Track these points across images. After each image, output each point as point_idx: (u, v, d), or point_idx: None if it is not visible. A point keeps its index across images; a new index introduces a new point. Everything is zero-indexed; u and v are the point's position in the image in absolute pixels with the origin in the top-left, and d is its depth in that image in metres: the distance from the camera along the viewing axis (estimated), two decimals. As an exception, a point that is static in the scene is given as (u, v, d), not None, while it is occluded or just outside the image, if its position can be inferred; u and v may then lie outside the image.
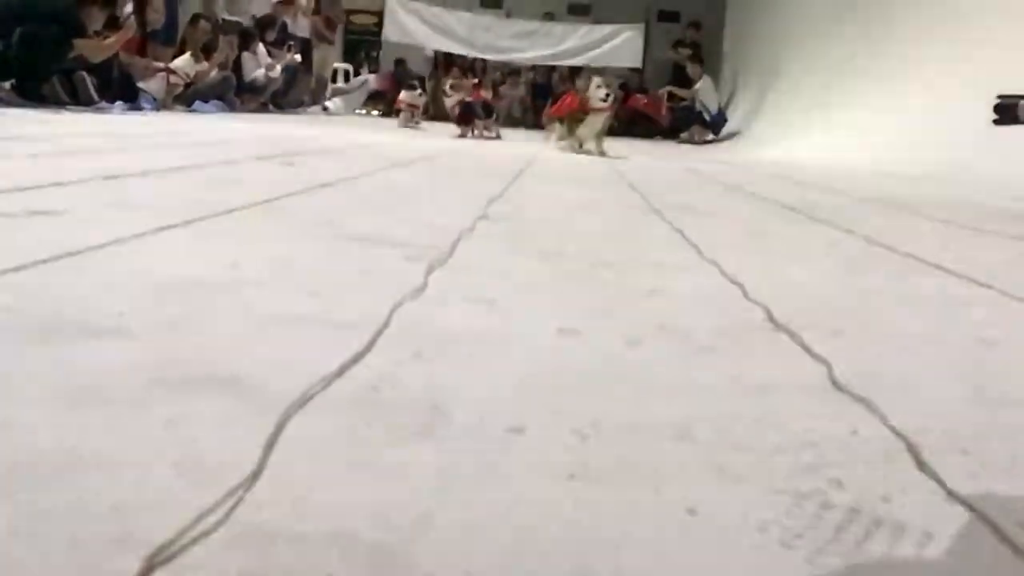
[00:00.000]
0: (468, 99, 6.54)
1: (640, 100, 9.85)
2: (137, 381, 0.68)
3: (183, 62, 7.38)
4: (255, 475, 0.53)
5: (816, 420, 0.71)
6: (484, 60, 10.69)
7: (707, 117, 9.21)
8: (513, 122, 10.68)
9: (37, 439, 0.56)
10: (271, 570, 0.43)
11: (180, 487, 0.51)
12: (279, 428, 0.60)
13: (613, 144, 5.13)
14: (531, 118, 10.49)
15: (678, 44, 10.49)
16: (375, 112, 10.70)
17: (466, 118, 6.50)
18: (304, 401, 0.66)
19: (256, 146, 3.71)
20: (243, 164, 2.81)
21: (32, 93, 5.32)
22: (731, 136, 8.92)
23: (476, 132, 6.57)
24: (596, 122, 4.96)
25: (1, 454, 0.54)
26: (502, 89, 10.93)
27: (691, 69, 9.47)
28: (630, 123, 9.28)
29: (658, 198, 2.64)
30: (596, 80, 5.01)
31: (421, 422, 0.65)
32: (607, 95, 4.88)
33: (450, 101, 6.62)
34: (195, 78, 7.37)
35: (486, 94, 6.98)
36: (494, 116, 6.92)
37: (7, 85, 5.37)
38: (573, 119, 5.05)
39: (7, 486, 0.49)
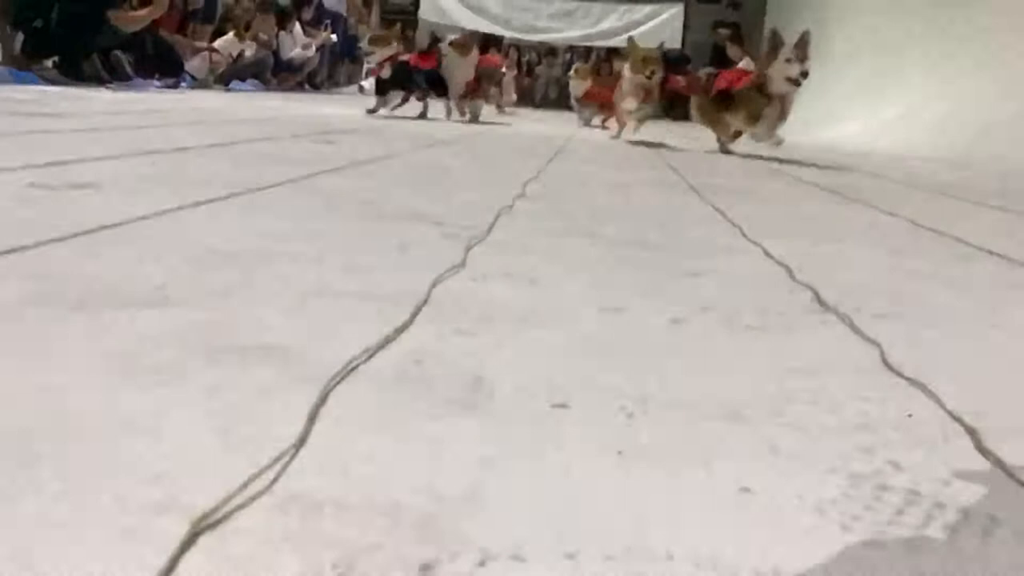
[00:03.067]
0: (404, 58, 4.89)
1: (679, 81, 9.73)
2: (177, 350, 0.68)
3: (225, 41, 7.42)
4: (299, 444, 0.52)
5: (870, 402, 0.69)
6: (519, 40, 10.62)
7: (746, 100, 9.08)
8: (548, 103, 10.62)
9: (80, 404, 0.56)
10: (317, 538, 0.42)
11: (223, 454, 0.50)
12: (323, 398, 0.59)
13: (649, 126, 4.91)
14: (567, 99, 10.42)
15: (718, 25, 10.34)
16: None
17: (399, 84, 4.91)
18: (347, 372, 0.66)
19: (293, 125, 3.72)
20: (281, 142, 2.82)
21: (73, 70, 5.39)
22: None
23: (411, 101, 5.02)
24: (776, 108, 3.56)
25: (45, 417, 0.53)
26: (538, 69, 10.87)
27: (731, 50, 9.31)
28: (668, 105, 9.19)
29: (698, 180, 2.60)
30: (786, 51, 3.43)
31: (465, 396, 0.64)
32: (803, 73, 3.40)
33: (374, 59, 4.93)
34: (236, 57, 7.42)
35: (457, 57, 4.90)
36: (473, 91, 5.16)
37: (49, 63, 5.44)
38: (742, 103, 3.62)
39: (54, 448, 0.49)
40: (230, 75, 7.32)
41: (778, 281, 1.16)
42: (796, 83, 3.46)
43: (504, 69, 6.39)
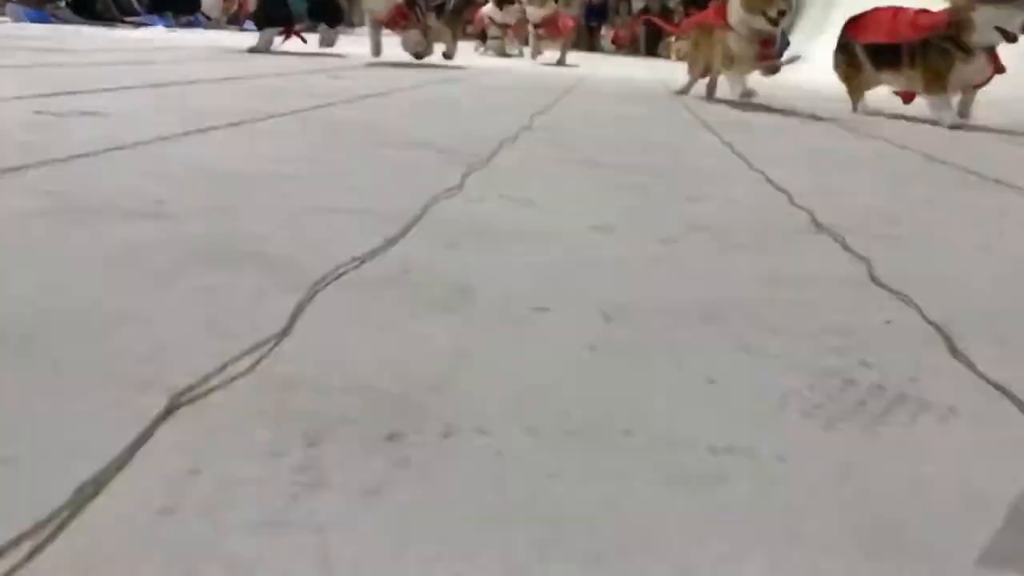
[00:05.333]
0: None
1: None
2: (172, 255, 0.70)
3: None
4: (283, 334, 0.54)
5: (851, 310, 0.70)
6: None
7: (767, 40, 8.91)
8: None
9: (76, 300, 0.58)
10: (291, 413, 0.44)
11: (209, 343, 0.52)
12: (309, 296, 0.61)
13: (667, 66, 4.80)
14: (585, 40, 10.30)
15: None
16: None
17: (272, 16, 3.74)
18: (336, 276, 0.67)
19: (305, 61, 3.70)
20: (291, 76, 2.81)
21: (86, 9, 5.37)
22: (793, 60, 8.58)
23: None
24: (976, 70, 2.51)
25: (43, 310, 0.56)
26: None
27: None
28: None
29: (710, 115, 2.58)
30: None
31: (449, 300, 0.65)
32: None
33: None
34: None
35: None
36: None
37: (63, 3, 5.42)
38: (933, 54, 2.51)
39: (50, 338, 0.51)
40: (244, 15, 7.26)
41: (777, 205, 1.16)
42: (1012, 38, 2.35)
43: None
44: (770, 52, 2.76)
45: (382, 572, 0.33)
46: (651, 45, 10.21)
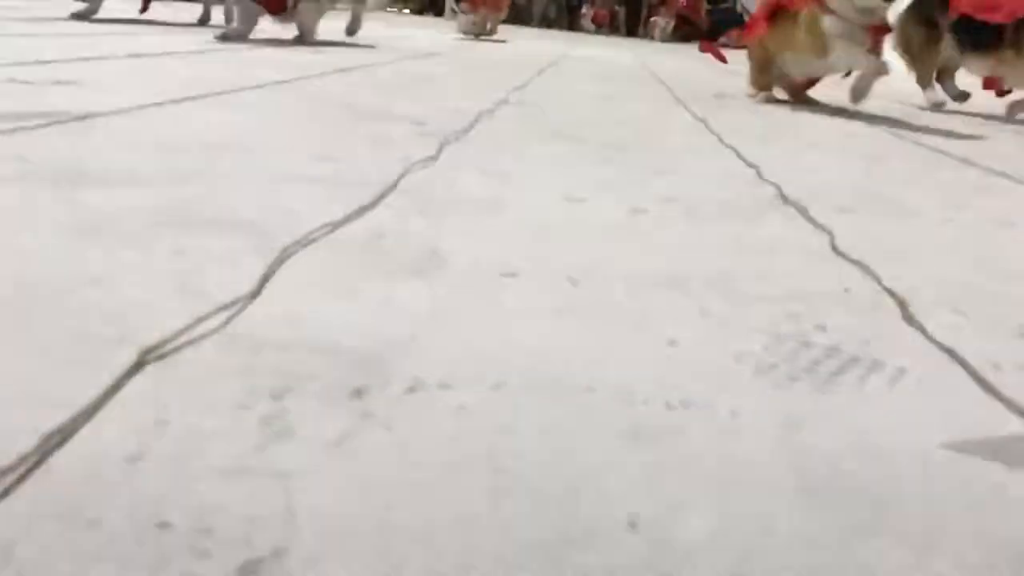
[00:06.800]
0: None
1: (680, 1, 9.60)
2: (145, 221, 0.71)
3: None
4: (252, 295, 0.55)
5: (810, 278, 0.72)
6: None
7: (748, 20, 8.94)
8: (548, 23, 10.42)
9: (48, 263, 0.59)
10: (259, 369, 0.45)
11: (179, 304, 0.53)
12: (280, 259, 0.62)
13: (648, 46, 4.78)
14: (565, 20, 10.27)
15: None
16: (406, 11, 10.50)
17: None
18: (307, 241, 0.68)
19: (283, 35, 3.66)
20: (268, 49, 2.79)
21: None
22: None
23: None
24: None
25: (14, 273, 0.56)
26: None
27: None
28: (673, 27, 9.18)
29: (686, 94, 2.59)
30: None
31: (419, 264, 0.66)
32: None
33: None
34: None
35: None
36: None
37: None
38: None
39: (19, 298, 0.52)
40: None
41: (746, 180, 1.18)
42: None
43: None
44: (881, 40, 2.06)
45: (344, 518, 0.34)
46: (631, 26, 10.21)
